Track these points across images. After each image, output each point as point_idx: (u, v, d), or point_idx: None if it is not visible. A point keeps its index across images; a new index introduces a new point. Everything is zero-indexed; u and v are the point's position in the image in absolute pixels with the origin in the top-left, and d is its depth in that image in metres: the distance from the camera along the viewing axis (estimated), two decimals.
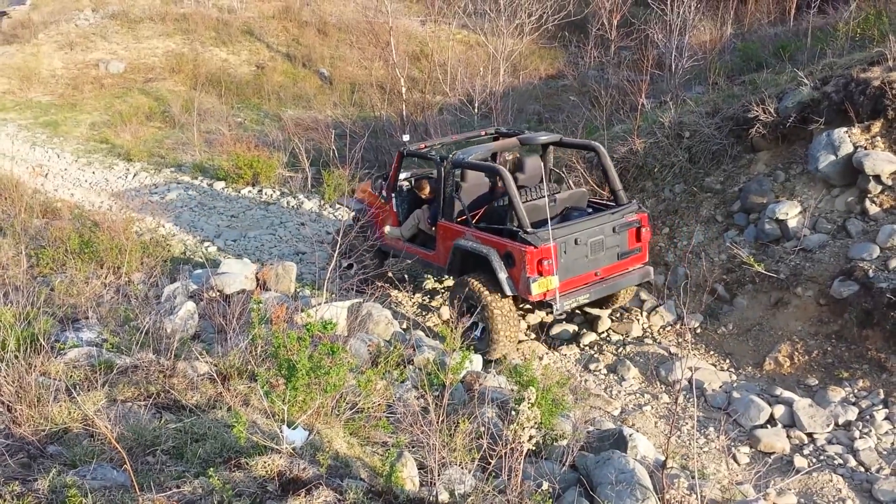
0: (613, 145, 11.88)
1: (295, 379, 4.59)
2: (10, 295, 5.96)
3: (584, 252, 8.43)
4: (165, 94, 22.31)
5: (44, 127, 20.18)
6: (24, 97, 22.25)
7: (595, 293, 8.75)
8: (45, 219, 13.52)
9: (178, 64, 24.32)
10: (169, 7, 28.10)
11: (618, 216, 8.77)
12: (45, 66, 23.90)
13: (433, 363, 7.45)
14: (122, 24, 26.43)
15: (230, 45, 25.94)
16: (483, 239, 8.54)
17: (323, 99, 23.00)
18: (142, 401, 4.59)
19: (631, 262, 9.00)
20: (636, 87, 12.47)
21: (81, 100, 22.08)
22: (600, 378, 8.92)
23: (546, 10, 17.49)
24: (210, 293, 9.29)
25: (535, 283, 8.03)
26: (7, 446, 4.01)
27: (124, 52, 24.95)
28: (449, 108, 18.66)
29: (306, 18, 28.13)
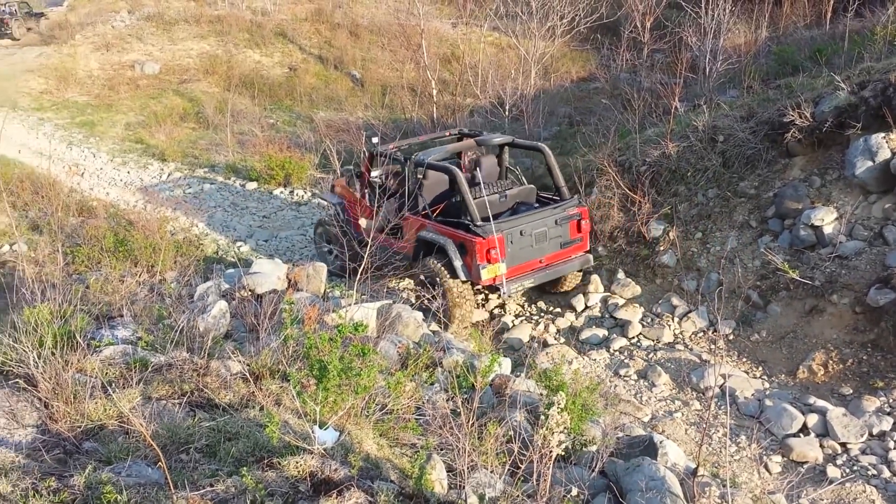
0: (646, 149, 11.79)
1: (326, 380, 4.61)
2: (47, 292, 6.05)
3: (529, 242, 9.52)
4: (199, 96, 22.58)
5: (80, 127, 20.51)
6: (61, 97, 22.63)
7: (539, 278, 9.82)
8: (80, 217, 13.75)
9: (211, 65, 24.61)
10: (203, 9, 28.45)
11: (560, 210, 9.84)
12: (81, 66, 24.30)
13: (462, 366, 7.45)
14: (157, 25, 26.80)
15: (263, 47, 26.18)
16: (441, 230, 9.56)
17: (354, 101, 23.12)
18: (176, 399, 4.65)
19: (572, 251, 10.03)
20: (669, 90, 12.35)
21: (117, 100, 22.41)
22: (630, 384, 8.86)
23: (578, 13, 17.40)
24: (242, 293, 9.36)
25: (484, 269, 9.12)
26: (44, 442, 4.08)
27: (159, 53, 25.29)
28: (479, 110, 18.66)
29: (338, 21, 28.32)
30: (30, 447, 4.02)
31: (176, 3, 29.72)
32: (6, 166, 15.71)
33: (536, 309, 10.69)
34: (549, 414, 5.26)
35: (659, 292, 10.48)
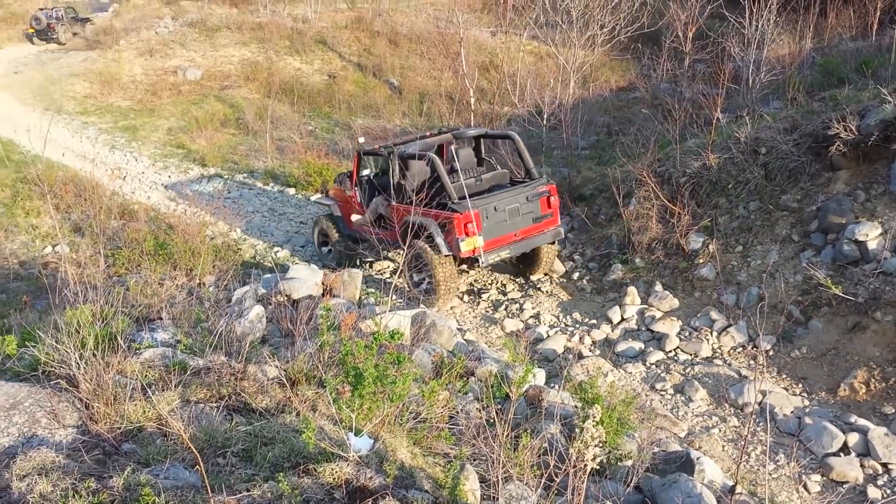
0: (686, 160, 11.66)
1: (361, 387, 4.61)
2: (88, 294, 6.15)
3: (503, 217, 10.45)
4: (240, 102, 22.87)
5: (123, 131, 20.89)
6: (104, 101, 23.07)
7: (515, 249, 10.73)
8: (122, 220, 14.00)
9: (252, 72, 24.91)
10: (245, 16, 28.84)
11: (529, 188, 10.78)
12: (125, 71, 24.75)
13: (496, 376, 7.42)
14: (200, 32, 27.22)
15: (303, 55, 26.45)
16: (425, 213, 10.31)
17: (392, 108, 23.24)
18: (213, 402, 4.68)
19: (545, 225, 10.90)
20: (711, 100, 12.21)
21: (159, 105, 22.78)
22: (667, 398, 8.74)
23: (619, 22, 17.29)
24: (278, 298, 9.44)
25: (463, 242, 10.03)
26: (84, 442, 4.13)
27: (201, 59, 25.67)
28: (517, 119, 18.63)
29: (378, 29, 28.52)
30: (70, 447, 4.07)
31: (219, 9, 30.20)
32: (50, 169, 16.04)
33: (571, 320, 10.61)
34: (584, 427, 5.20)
35: (697, 306, 10.34)
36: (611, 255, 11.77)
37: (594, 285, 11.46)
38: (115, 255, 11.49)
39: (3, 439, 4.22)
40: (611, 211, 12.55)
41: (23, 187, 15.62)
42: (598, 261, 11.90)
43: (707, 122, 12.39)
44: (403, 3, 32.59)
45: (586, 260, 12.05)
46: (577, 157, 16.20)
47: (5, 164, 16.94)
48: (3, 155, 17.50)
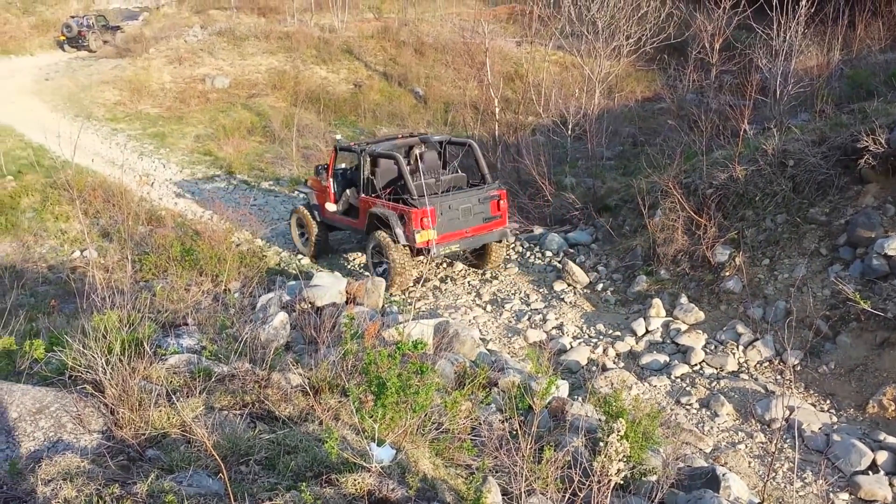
0: (712, 171, 11.56)
1: (384, 396, 4.60)
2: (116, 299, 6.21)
3: (457, 215, 11.54)
4: (267, 110, 23.07)
5: (151, 138, 21.14)
6: (134, 109, 23.38)
7: (464, 244, 11.87)
8: (149, 226, 14.14)
9: (279, 81, 25.12)
10: (273, 26, 29.12)
11: (482, 191, 11.86)
12: (154, 79, 25.07)
13: (519, 387, 7.38)
14: (228, 41, 27.52)
15: (330, 64, 26.63)
16: (387, 206, 11.54)
17: (417, 117, 23.31)
18: (237, 410, 4.69)
19: (493, 225, 11.92)
20: (738, 112, 12.10)
21: (187, 113, 23.04)
22: (692, 412, 8.64)
23: (645, 33, 17.22)
24: (302, 305, 9.48)
25: (418, 234, 11.07)
26: (108, 448, 4.16)
27: (229, 68, 25.94)
28: (542, 128, 18.61)
29: (404, 38, 28.66)
30: (95, 452, 4.10)
31: (247, 19, 30.54)
32: (80, 175, 16.27)
33: (595, 331, 10.54)
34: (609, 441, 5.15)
35: (723, 319, 10.23)
36: (635, 267, 11.69)
37: (618, 297, 11.38)
38: (142, 260, 11.60)
39: (30, 443, 4.26)
40: (635, 222, 12.47)
41: (52, 192, 15.85)
42: (623, 272, 11.82)
43: (734, 134, 12.28)
44: (429, 13, 32.74)
45: (610, 271, 11.97)
46: (601, 168, 16.14)
47: (35, 170, 17.20)
48: (34, 160, 17.79)
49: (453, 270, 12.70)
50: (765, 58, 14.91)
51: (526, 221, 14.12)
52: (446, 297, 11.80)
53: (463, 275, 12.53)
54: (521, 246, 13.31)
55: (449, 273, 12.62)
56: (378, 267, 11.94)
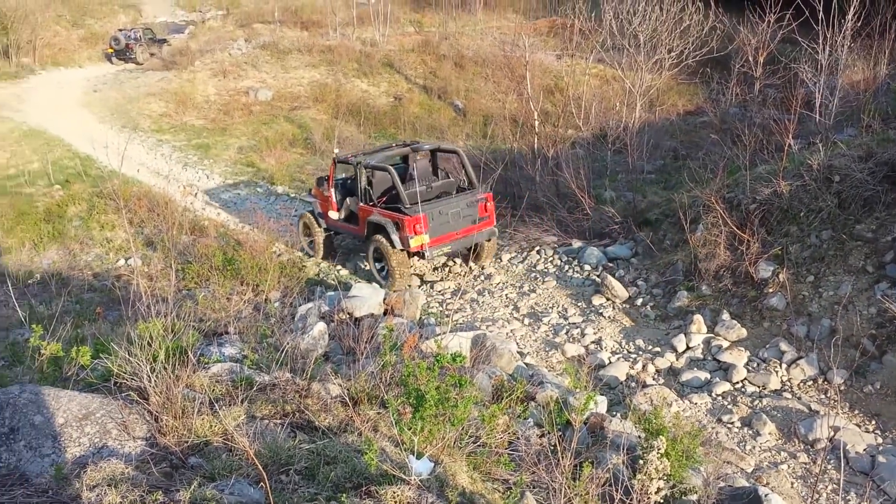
0: (756, 186, 11.39)
1: (423, 409, 4.61)
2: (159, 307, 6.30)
3: (447, 219, 12.35)
4: (308, 122, 23.34)
5: (196, 149, 21.50)
6: (179, 120, 23.82)
7: (456, 246, 12.76)
8: (192, 235, 14.37)
9: (321, 93, 25.41)
10: (315, 39, 29.49)
11: (470, 195, 12.72)
12: (199, 91, 25.53)
13: (556, 402, 7.32)
14: (271, 54, 27.92)
15: (371, 77, 26.87)
16: (383, 214, 12.43)
17: (456, 130, 23.38)
18: (278, 419, 4.73)
19: (481, 226, 12.75)
20: (782, 126, 11.93)
21: (231, 125, 23.40)
22: (734, 431, 8.49)
23: (687, 46, 17.09)
24: (340, 315, 9.55)
25: (412, 239, 11.95)
26: (152, 454, 4.22)
27: (272, 80, 26.31)
28: (581, 142, 18.53)
29: (444, 52, 28.81)
30: (139, 459, 4.17)
31: (290, 32, 30.99)
32: (126, 184, 16.61)
33: (634, 347, 10.43)
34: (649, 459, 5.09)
35: (766, 336, 10.05)
36: (676, 282, 11.55)
37: (658, 312, 11.24)
38: (184, 269, 11.78)
39: (75, 449, 4.34)
40: (677, 237, 12.33)
41: (98, 201, 16.21)
42: (663, 287, 11.69)
43: (778, 149, 12.10)
44: (469, 27, 32.89)
45: (650, 286, 11.84)
46: (642, 182, 16.01)
47: (82, 179, 17.62)
48: (81, 170, 18.23)
49: (491, 283, 12.68)
50: (810, 72, 14.69)
51: (564, 235, 14.05)
52: (484, 310, 11.78)
53: (501, 288, 12.50)
54: (560, 259, 13.24)
55: (486, 286, 12.60)
56: (380, 269, 12.82)
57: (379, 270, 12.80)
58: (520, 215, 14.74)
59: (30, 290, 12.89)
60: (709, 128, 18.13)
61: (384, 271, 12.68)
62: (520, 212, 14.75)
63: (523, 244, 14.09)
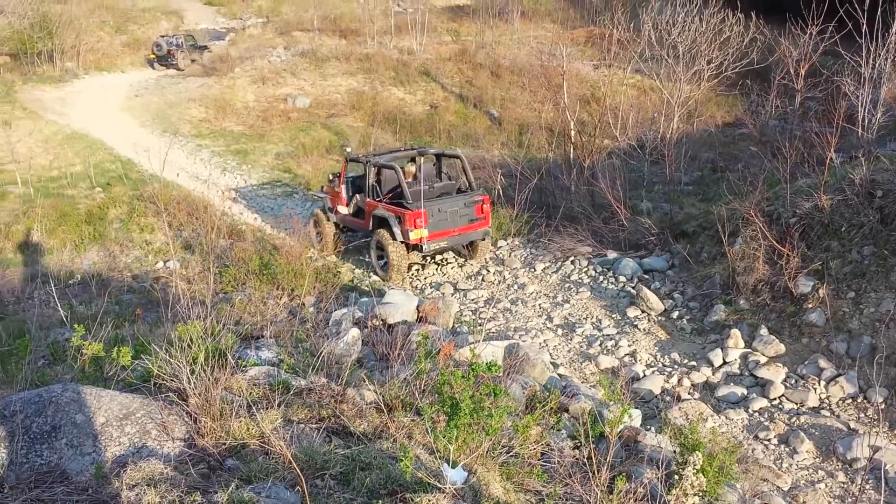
0: (796, 200, 11.23)
1: (457, 417, 4.60)
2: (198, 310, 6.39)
3: (445, 217, 13.34)
4: (345, 129, 23.52)
5: (234, 154, 21.79)
6: (218, 126, 24.16)
7: (452, 241, 13.72)
8: (230, 240, 14.55)
9: (358, 101, 25.60)
10: (353, 47, 29.73)
11: (468, 196, 13.75)
12: (239, 98, 25.87)
13: (589, 413, 7.27)
14: (310, 62, 28.22)
15: (407, 85, 27.01)
16: (387, 209, 13.41)
17: (491, 139, 23.40)
18: (313, 423, 4.77)
19: (477, 226, 13.77)
20: (824, 139, 11.74)
21: (269, 131, 23.68)
22: (770, 448, 8.35)
23: (727, 58, 16.91)
24: (374, 321, 9.58)
25: (412, 232, 12.95)
26: (190, 456, 4.28)
27: (311, 88, 26.58)
28: (618, 152, 18.42)
29: (480, 61, 28.87)
30: (177, 460, 4.22)
31: (329, 41, 31.28)
32: (165, 188, 16.87)
33: (670, 360, 10.32)
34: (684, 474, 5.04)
35: (805, 352, 9.88)
36: (713, 295, 11.41)
37: (694, 325, 11.12)
38: (222, 272, 11.93)
39: (115, 448, 4.41)
40: (714, 249, 12.19)
41: (139, 204, 16.49)
42: (700, 300, 11.56)
43: (819, 162, 11.90)
44: (506, 36, 32.93)
45: (686, 299, 11.72)
46: (679, 193, 15.87)
47: (123, 182, 17.95)
48: (122, 173, 18.57)
49: (524, 293, 12.65)
50: (852, 85, 14.44)
51: (599, 245, 13.97)
52: (517, 319, 11.75)
53: (534, 297, 12.46)
54: (594, 270, 13.17)
55: (520, 296, 12.57)
56: (380, 260, 13.77)
57: (379, 261, 13.79)
58: (555, 225, 14.69)
59: (70, 290, 13.16)
60: (748, 140, 17.93)
61: (384, 263, 13.64)
62: (555, 222, 14.70)
63: (557, 254, 14.03)
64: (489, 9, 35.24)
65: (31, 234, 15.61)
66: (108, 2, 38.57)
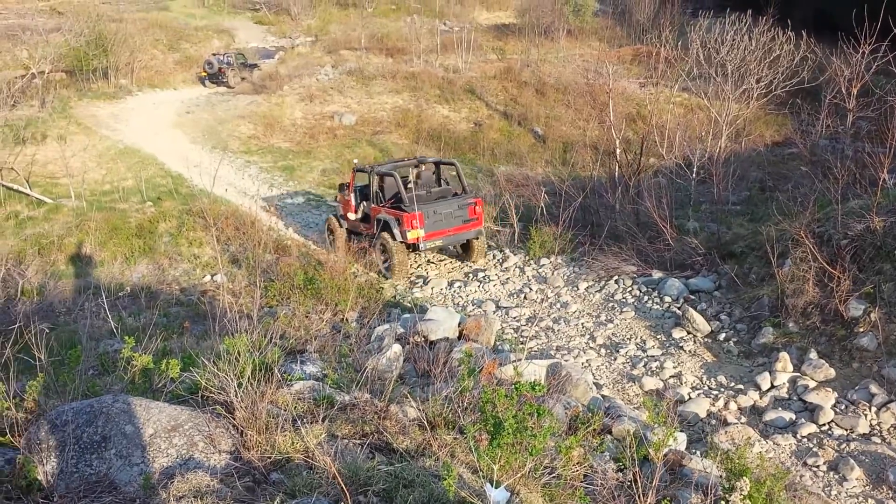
0: (848, 221, 11.00)
1: (500, 437, 4.59)
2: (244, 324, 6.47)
3: (440, 218, 14.70)
4: (389, 146, 23.73)
5: (281, 170, 22.12)
6: (266, 142, 24.56)
7: (447, 241, 15.16)
8: (276, 254, 14.75)
9: (403, 118, 25.83)
10: (399, 66, 30.03)
11: (462, 199, 15.17)
12: (287, 115, 26.29)
13: (633, 436, 7.17)
14: (357, 80, 28.57)
15: (452, 103, 27.17)
16: (389, 212, 14.80)
17: (535, 156, 23.40)
18: (357, 439, 4.79)
19: (470, 226, 15.18)
20: (876, 160, 11.49)
21: (315, 148, 24.00)
22: (819, 475, 8.14)
23: (777, 76, 16.70)
24: (415, 338, 9.61)
25: (409, 232, 14.32)
26: (236, 468, 4.33)
27: (357, 105, 26.90)
28: (664, 171, 18.26)
29: (525, 79, 28.93)
30: (223, 472, 4.28)
31: (375, 59, 31.66)
32: (214, 203, 17.18)
33: (716, 383, 10.14)
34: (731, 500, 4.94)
35: (855, 377, 9.63)
36: (761, 318, 11.20)
37: (742, 348, 10.92)
38: (267, 287, 12.08)
39: (163, 460, 4.48)
40: (762, 270, 11.98)
41: (188, 219, 16.81)
42: (747, 322, 11.36)
43: (871, 183, 11.65)
44: (552, 54, 32.95)
45: (734, 320, 11.52)
46: (727, 213, 15.65)
47: (173, 197, 18.33)
48: (172, 188, 18.97)
49: (567, 312, 12.57)
50: None
51: (644, 265, 13.83)
52: (559, 338, 11.68)
53: (577, 316, 12.38)
54: (639, 290, 13.04)
55: (562, 314, 12.50)
56: (385, 262, 14.83)
57: (384, 263, 14.85)
58: (599, 244, 14.59)
59: (120, 302, 13.44)
60: (798, 160, 17.63)
61: (387, 265, 14.74)
62: (599, 240, 14.59)
63: (601, 273, 13.93)
64: (535, 27, 35.32)
65: (83, 246, 16.02)
66: (161, 20, 39.58)
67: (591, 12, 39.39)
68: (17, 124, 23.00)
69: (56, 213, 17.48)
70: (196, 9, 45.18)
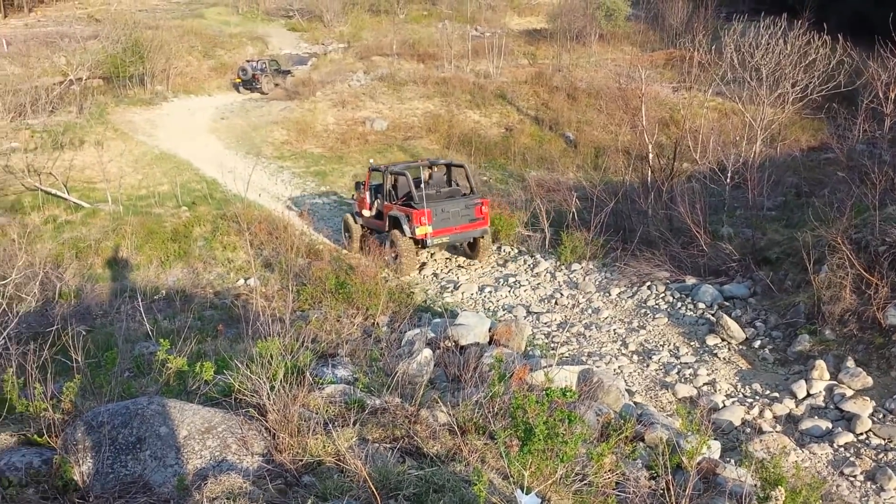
0: (886, 227, 10.79)
1: (531, 443, 4.57)
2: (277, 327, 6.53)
3: (448, 216, 15.48)
4: (420, 151, 23.80)
5: (314, 175, 22.29)
6: (299, 148, 24.79)
7: (453, 238, 15.94)
8: (308, 259, 14.87)
9: (434, 124, 25.90)
10: (431, 71, 30.14)
11: (469, 199, 15.95)
12: (319, 120, 26.50)
13: (666, 443, 7.10)
14: (388, 86, 28.72)
15: (483, 108, 27.18)
16: (400, 210, 15.63)
17: (567, 161, 23.31)
18: (387, 443, 4.81)
19: (476, 225, 15.93)
20: None
21: (347, 153, 24.16)
22: (856, 485, 7.99)
23: (812, 81, 16.46)
24: (446, 343, 9.60)
25: (418, 228, 15.10)
26: (269, 471, 4.36)
27: (388, 111, 27.04)
28: (697, 176, 18.08)
29: (557, 84, 28.85)
30: (256, 474, 4.31)
31: (407, 65, 31.81)
32: (248, 208, 17.38)
33: (751, 391, 10.00)
34: None
35: (893, 386, 9.44)
36: (797, 325, 11.02)
37: (777, 355, 10.76)
38: (299, 291, 12.18)
39: (197, 461, 4.53)
40: (798, 277, 11.80)
41: (222, 223, 17.02)
42: (783, 329, 11.19)
43: None
44: (584, 59, 32.83)
45: (769, 328, 11.36)
46: (761, 218, 15.44)
47: (208, 202, 18.56)
48: (207, 193, 19.20)
49: (598, 317, 12.49)
50: None
51: (677, 271, 13.68)
52: (590, 344, 11.60)
53: (609, 322, 12.29)
54: (672, 296, 12.91)
55: (594, 320, 12.42)
56: (394, 257, 15.53)
57: (394, 259, 15.58)
58: (631, 249, 14.48)
59: (155, 305, 13.62)
60: (834, 165, 17.35)
61: (397, 258, 15.45)
62: (631, 246, 14.48)
63: (633, 279, 13.82)
64: (567, 32, 35.23)
65: (119, 250, 16.28)
66: (196, 27, 40.14)
67: (624, 16, 39.15)
68: (56, 130, 23.47)
69: (93, 218, 17.79)
70: (230, 16, 45.76)
